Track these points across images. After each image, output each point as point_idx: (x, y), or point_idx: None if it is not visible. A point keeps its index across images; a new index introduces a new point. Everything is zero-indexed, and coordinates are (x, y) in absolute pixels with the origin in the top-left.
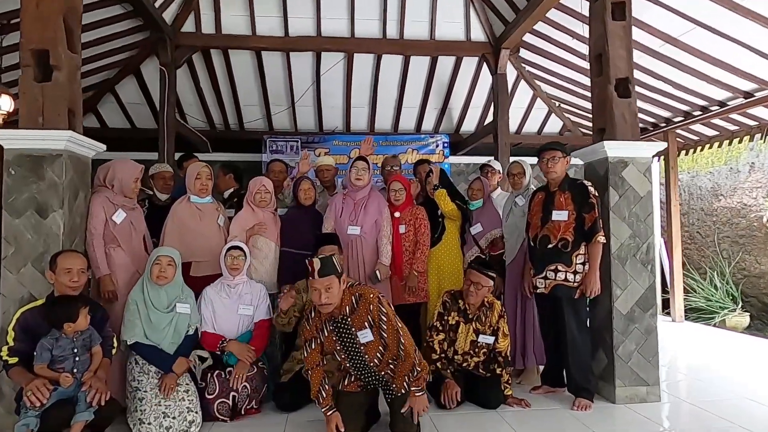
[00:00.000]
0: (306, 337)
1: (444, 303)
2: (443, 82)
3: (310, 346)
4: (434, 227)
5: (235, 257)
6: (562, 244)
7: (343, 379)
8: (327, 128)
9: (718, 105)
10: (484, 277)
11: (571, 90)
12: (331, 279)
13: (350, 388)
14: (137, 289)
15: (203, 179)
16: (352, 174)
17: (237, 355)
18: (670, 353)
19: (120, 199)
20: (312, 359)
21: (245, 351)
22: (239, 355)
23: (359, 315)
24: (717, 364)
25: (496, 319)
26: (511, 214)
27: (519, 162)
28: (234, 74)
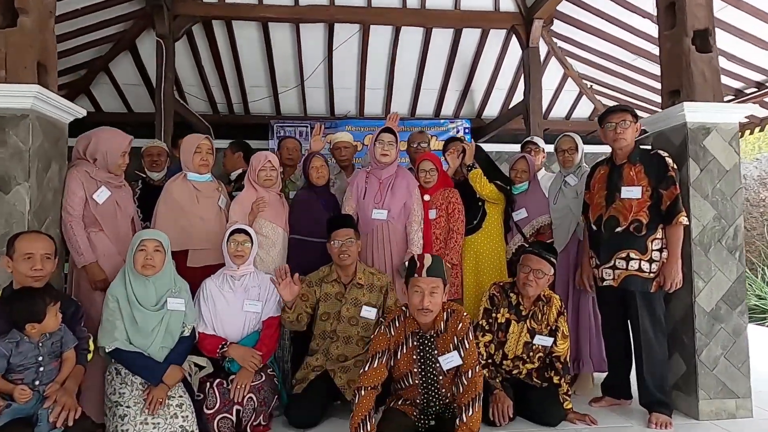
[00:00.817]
0: (377, 348)
1: (491, 297)
2: (466, 60)
3: (379, 359)
4: (473, 212)
5: (239, 243)
6: (635, 227)
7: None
8: (339, 113)
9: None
10: (546, 263)
11: (606, 68)
12: (438, 282)
13: (404, 409)
14: (118, 283)
15: (203, 153)
16: (377, 149)
17: (239, 361)
18: None
19: (103, 174)
20: (373, 377)
21: (249, 356)
22: (242, 361)
23: (449, 335)
24: None
25: (555, 316)
26: (560, 196)
27: (570, 136)
28: (238, 49)
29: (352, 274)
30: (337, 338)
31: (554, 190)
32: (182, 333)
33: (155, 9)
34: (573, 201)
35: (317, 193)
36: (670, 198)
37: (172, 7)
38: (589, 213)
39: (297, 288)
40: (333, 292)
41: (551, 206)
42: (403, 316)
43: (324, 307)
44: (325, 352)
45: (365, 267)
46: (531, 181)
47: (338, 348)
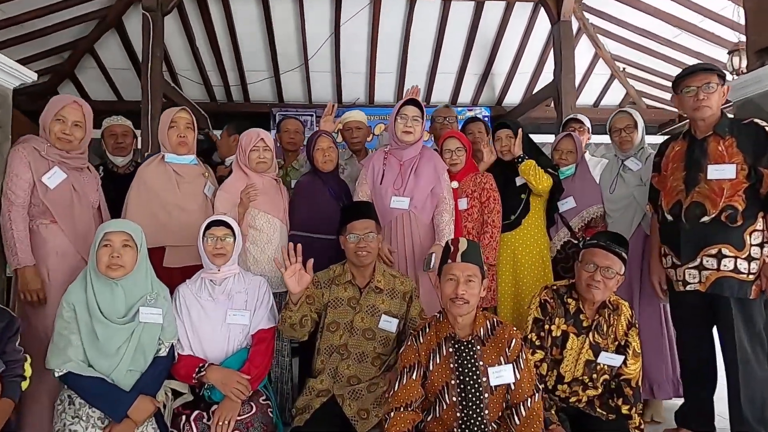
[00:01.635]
0: (406, 362)
1: (543, 304)
2: (488, 38)
3: (408, 374)
4: (511, 205)
5: (219, 238)
6: (728, 216)
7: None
8: (347, 100)
9: None
10: (617, 259)
11: (642, 47)
12: (475, 270)
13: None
14: (76, 288)
15: (180, 128)
16: (398, 125)
17: (220, 388)
18: None
19: (56, 152)
20: (404, 396)
21: (233, 381)
22: (223, 388)
23: (494, 347)
24: None
25: (625, 328)
26: (619, 184)
27: (627, 112)
28: (235, 26)
29: (370, 275)
30: (349, 355)
31: (609, 177)
32: (158, 352)
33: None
34: (637, 189)
35: (323, 180)
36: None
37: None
38: (661, 200)
39: (308, 278)
40: (345, 296)
41: (607, 196)
42: (434, 321)
43: (333, 315)
44: (333, 372)
45: (385, 268)
46: (578, 164)
47: (349, 368)
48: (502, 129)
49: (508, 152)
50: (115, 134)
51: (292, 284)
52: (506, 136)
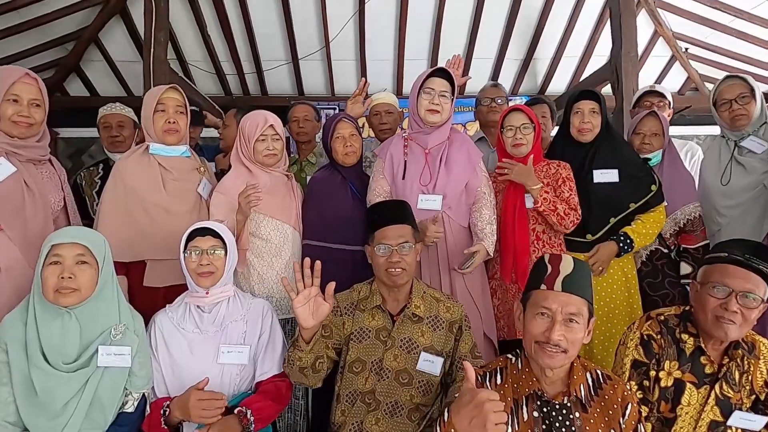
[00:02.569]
0: None
1: (647, 341)
2: (530, 19)
3: None
4: (590, 223)
5: (205, 251)
6: None
7: None
8: (373, 90)
9: None
10: (761, 280)
11: (711, 22)
12: (581, 306)
13: None
14: (14, 320)
15: (169, 112)
16: (422, 101)
17: (192, 416)
18: None
19: (2, 140)
20: None
21: (202, 402)
22: (195, 412)
23: (601, 414)
24: None
25: (765, 376)
26: (736, 172)
27: (740, 77)
28: (249, 9)
29: (405, 299)
30: (378, 405)
31: (718, 165)
32: (123, 407)
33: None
34: (767, 176)
35: (344, 176)
36: None
37: None
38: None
39: (327, 308)
40: (374, 326)
41: (718, 188)
42: (511, 368)
43: (357, 351)
44: (357, 428)
45: (426, 288)
46: (666, 150)
47: (378, 422)
48: (586, 100)
49: (589, 130)
50: (110, 126)
51: (304, 316)
52: (590, 111)
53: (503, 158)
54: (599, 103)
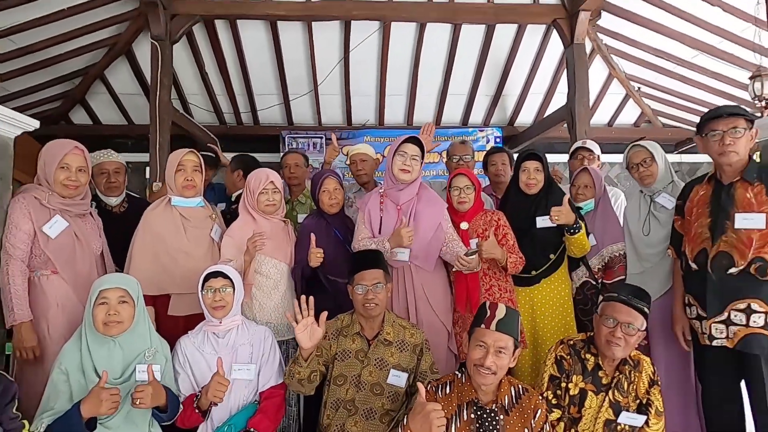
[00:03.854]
0: None
1: (559, 361)
2: (499, 60)
3: None
4: (533, 260)
5: (217, 290)
6: (758, 268)
7: None
8: (356, 122)
9: None
10: (639, 315)
11: (658, 67)
12: (508, 342)
13: None
14: (71, 348)
15: (188, 171)
16: (396, 162)
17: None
18: None
19: (57, 200)
20: None
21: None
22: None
23: (519, 417)
24: None
25: (646, 386)
26: (653, 224)
27: (641, 145)
28: (244, 52)
29: (379, 326)
30: (356, 411)
31: (638, 215)
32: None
33: (149, 7)
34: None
35: (329, 222)
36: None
37: (168, 6)
38: (685, 246)
39: (320, 333)
40: (353, 348)
41: (641, 238)
42: (456, 381)
43: (340, 368)
44: (340, 429)
45: (395, 318)
46: (599, 199)
47: (356, 424)
48: (531, 160)
49: (534, 185)
50: (107, 172)
51: (303, 339)
52: (534, 169)
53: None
54: (542, 163)
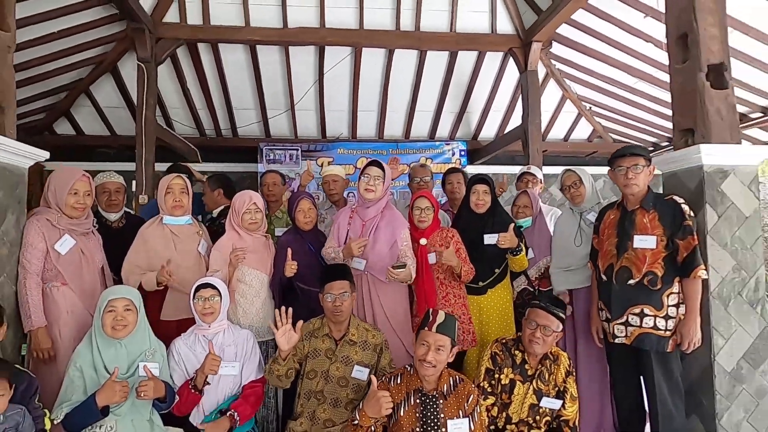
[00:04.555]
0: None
1: (493, 356)
2: (462, 82)
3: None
4: (481, 272)
5: (206, 299)
6: (649, 280)
7: None
8: (330, 135)
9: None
10: (555, 319)
11: (605, 90)
12: (446, 341)
13: None
14: (83, 349)
15: (176, 193)
16: (361, 183)
17: (206, 367)
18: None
19: (66, 221)
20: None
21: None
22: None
23: (455, 400)
24: None
25: (563, 376)
26: (581, 237)
27: (571, 170)
28: (225, 72)
29: (345, 329)
30: (325, 400)
31: (570, 230)
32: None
33: (136, 32)
34: None
35: (304, 237)
36: (687, 249)
37: (154, 30)
38: (599, 261)
39: (296, 337)
40: (323, 348)
41: (572, 250)
42: (405, 373)
43: (312, 365)
44: (311, 415)
45: (359, 322)
46: (536, 218)
47: (325, 412)
48: (480, 184)
49: (483, 205)
50: (108, 191)
51: (282, 343)
52: (483, 191)
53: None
54: (489, 186)
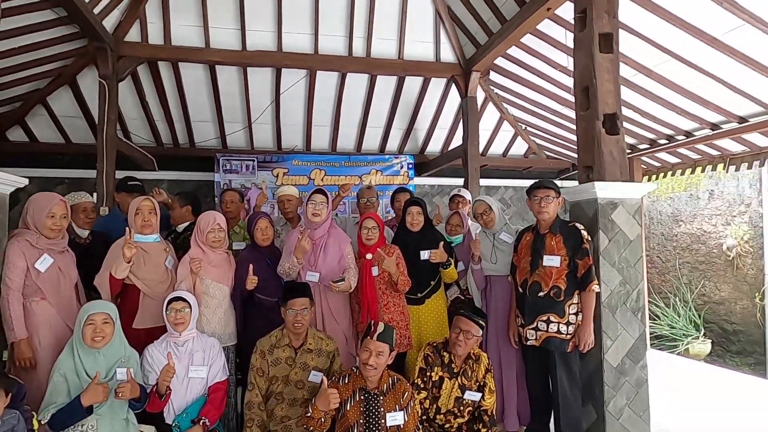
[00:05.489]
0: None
1: (426, 357)
2: (410, 103)
3: None
4: (419, 283)
5: (178, 310)
6: (555, 293)
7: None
8: (286, 147)
9: (684, 135)
10: (475, 325)
11: (537, 114)
12: (384, 347)
13: None
14: (65, 357)
15: (144, 214)
16: (309, 208)
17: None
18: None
19: (44, 241)
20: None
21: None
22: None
23: (393, 397)
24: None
25: (483, 373)
26: (499, 255)
27: (481, 200)
28: (184, 88)
29: (303, 339)
30: (283, 400)
31: (487, 248)
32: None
33: (99, 51)
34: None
35: (261, 253)
36: (584, 267)
37: (116, 49)
38: (516, 275)
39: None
40: (284, 356)
41: (489, 265)
42: (352, 373)
43: (273, 371)
44: (270, 412)
45: (315, 332)
46: (465, 235)
47: (282, 410)
48: (413, 206)
49: (417, 225)
50: (86, 209)
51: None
52: (417, 212)
53: (360, 245)
54: (422, 207)
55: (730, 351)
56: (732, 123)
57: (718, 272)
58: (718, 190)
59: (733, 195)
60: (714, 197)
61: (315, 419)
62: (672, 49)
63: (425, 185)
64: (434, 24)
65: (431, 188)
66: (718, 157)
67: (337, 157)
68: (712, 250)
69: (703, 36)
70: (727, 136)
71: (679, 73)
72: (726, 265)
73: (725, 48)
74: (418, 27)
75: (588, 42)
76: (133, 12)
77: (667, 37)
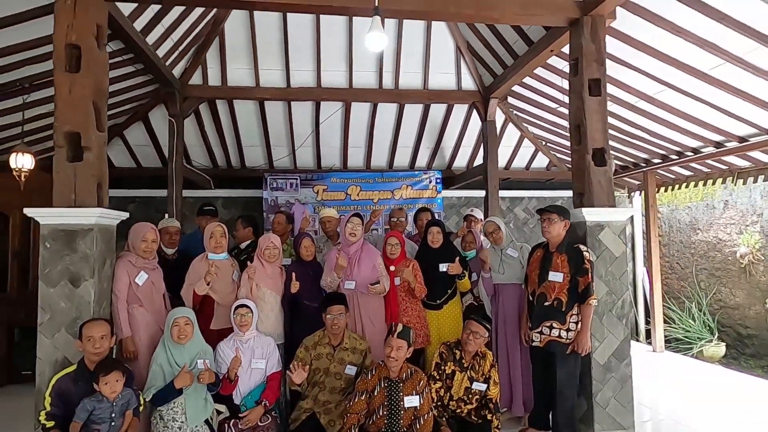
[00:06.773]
0: (360, 388)
1: (440, 354)
2: (436, 126)
3: (360, 395)
4: (438, 292)
5: (242, 315)
6: (557, 303)
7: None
8: (325, 166)
9: (692, 151)
10: (482, 328)
11: (556, 132)
12: (403, 343)
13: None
14: (160, 351)
15: (217, 238)
16: (347, 229)
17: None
18: (651, 389)
19: (141, 261)
20: (357, 406)
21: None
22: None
23: (410, 384)
24: (694, 402)
25: (488, 368)
26: (504, 266)
27: (491, 221)
28: (238, 121)
29: (341, 338)
30: (324, 388)
31: (496, 262)
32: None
33: (168, 94)
34: (521, 271)
35: (305, 266)
36: (584, 284)
37: (182, 91)
38: (528, 285)
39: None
40: (324, 352)
41: (498, 277)
42: (379, 366)
43: (316, 364)
44: (314, 397)
45: (351, 333)
46: (478, 250)
47: (324, 396)
48: (434, 226)
49: (437, 242)
50: (170, 233)
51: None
52: (437, 232)
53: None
54: (442, 227)
55: (745, 354)
56: (733, 142)
57: (732, 279)
58: (732, 201)
59: (746, 205)
60: (728, 207)
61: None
62: (667, 80)
63: (452, 197)
64: (455, 57)
65: (458, 200)
66: (726, 170)
67: (371, 174)
68: (727, 258)
69: (694, 72)
70: (731, 153)
71: (677, 101)
72: (740, 272)
73: (714, 81)
74: (440, 60)
75: (579, 86)
76: (196, 60)
77: (662, 71)
